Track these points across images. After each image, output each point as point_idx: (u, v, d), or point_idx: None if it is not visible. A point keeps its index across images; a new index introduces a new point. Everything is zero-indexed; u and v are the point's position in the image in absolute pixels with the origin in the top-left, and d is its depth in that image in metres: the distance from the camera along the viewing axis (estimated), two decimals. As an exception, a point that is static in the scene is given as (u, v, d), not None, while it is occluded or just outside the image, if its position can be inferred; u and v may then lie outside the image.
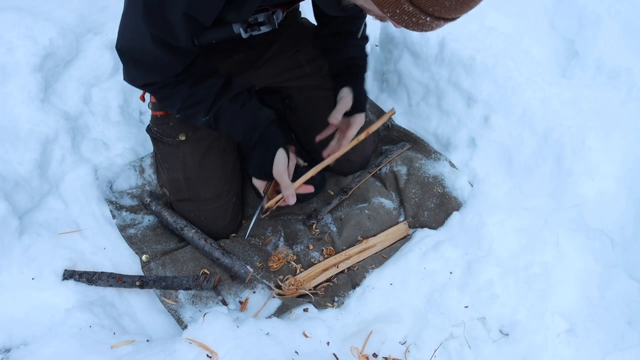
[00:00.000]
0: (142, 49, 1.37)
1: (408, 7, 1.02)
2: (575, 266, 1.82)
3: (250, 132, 1.54)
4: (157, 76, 1.46)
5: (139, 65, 1.43)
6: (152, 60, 1.40)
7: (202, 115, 1.53)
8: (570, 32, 2.59)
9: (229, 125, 1.55)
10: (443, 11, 1.01)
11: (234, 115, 1.53)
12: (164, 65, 1.42)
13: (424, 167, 2.07)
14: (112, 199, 1.95)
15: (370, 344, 1.66)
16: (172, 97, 1.51)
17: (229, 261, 1.72)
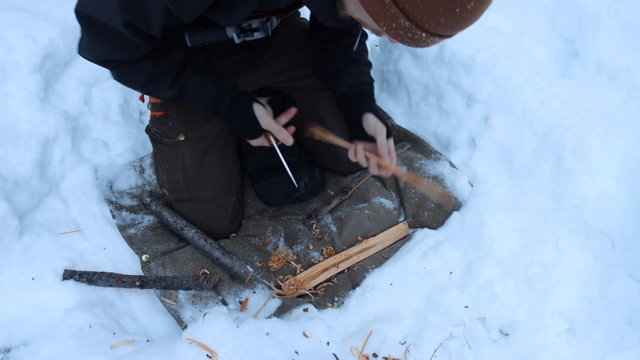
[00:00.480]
0: (109, 27, 1.29)
1: (404, 22, 1.02)
2: (575, 266, 1.82)
3: (219, 99, 1.55)
4: (122, 54, 1.40)
5: (103, 39, 1.34)
6: (118, 39, 1.33)
7: (167, 89, 1.50)
8: (570, 32, 2.59)
9: (196, 95, 1.54)
10: (439, 28, 1.02)
11: (200, 84, 1.53)
12: (131, 45, 1.36)
13: (424, 167, 2.07)
14: (112, 199, 1.95)
15: (370, 344, 1.66)
16: (135, 73, 1.47)
17: (229, 261, 1.72)
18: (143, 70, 1.45)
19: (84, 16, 1.31)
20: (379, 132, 1.58)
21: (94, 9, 1.29)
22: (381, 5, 1.03)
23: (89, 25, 1.33)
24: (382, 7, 1.03)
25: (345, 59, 1.72)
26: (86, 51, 1.42)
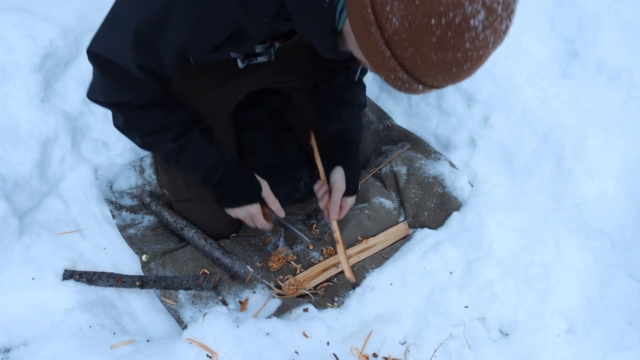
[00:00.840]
0: (123, 69, 1.30)
1: (402, 75, 1.05)
2: (575, 266, 1.82)
3: (216, 168, 1.56)
4: (135, 97, 1.39)
5: (117, 81, 1.35)
6: (132, 81, 1.33)
7: (170, 142, 1.49)
8: (570, 32, 2.59)
9: (195, 157, 1.53)
10: (435, 82, 1.05)
11: (203, 148, 1.53)
12: (144, 87, 1.36)
13: (424, 167, 2.07)
14: (112, 199, 1.95)
15: (370, 344, 1.66)
16: (143, 120, 1.45)
17: (229, 261, 1.72)
18: (152, 118, 1.44)
19: (98, 58, 1.31)
20: (335, 190, 1.69)
21: (109, 50, 1.29)
22: (381, 57, 1.04)
23: (103, 67, 1.33)
24: (381, 59, 1.04)
25: (338, 100, 1.76)
26: (99, 93, 1.41)
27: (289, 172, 1.91)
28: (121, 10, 1.28)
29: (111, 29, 1.30)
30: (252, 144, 1.93)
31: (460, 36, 0.95)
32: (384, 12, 0.98)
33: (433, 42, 0.96)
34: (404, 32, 0.97)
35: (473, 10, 0.92)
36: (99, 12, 2.26)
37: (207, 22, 1.22)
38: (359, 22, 1.04)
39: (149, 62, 1.28)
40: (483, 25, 0.94)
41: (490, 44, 0.99)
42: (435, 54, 0.97)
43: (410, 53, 0.99)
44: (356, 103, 1.78)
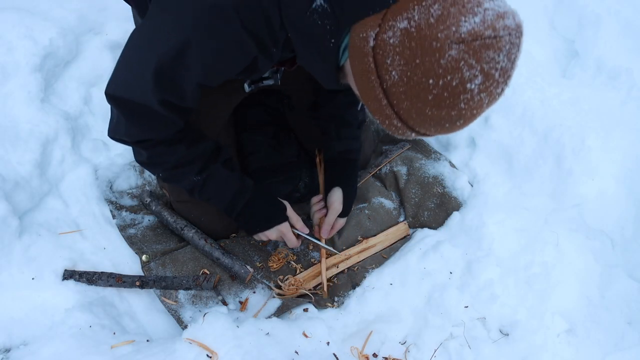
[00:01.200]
0: (145, 106, 1.31)
1: (397, 122, 1.08)
2: (575, 266, 1.82)
3: (239, 196, 1.59)
4: (158, 132, 1.41)
5: (139, 119, 1.36)
6: (154, 117, 1.34)
7: (194, 175, 1.51)
8: (570, 32, 2.59)
9: (219, 188, 1.56)
10: (427, 131, 1.09)
11: (226, 178, 1.56)
12: (166, 122, 1.37)
13: (424, 167, 2.07)
14: (112, 199, 1.95)
15: (370, 344, 1.66)
16: (166, 155, 1.47)
17: (229, 261, 1.72)
18: (175, 153, 1.46)
19: (118, 99, 1.33)
20: (331, 210, 1.75)
21: (128, 90, 1.31)
22: (378, 103, 1.07)
23: (124, 107, 1.35)
24: (378, 105, 1.08)
25: (338, 120, 1.80)
26: (122, 133, 1.42)
27: (289, 173, 1.91)
28: (137, 50, 1.29)
29: (127, 69, 1.31)
30: (252, 144, 1.93)
31: (456, 97, 0.97)
32: (385, 64, 1.01)
33: (429, 99, 0.98)
34: (402, 86, 1.00)
35: (471, 75, 0.94)
36: (99, 12, 2.28)
37: (226, 60, 1.24)
38: (360, 68, 1.07)
39: (171, 97, 1.29)
40: (479, 89, 0.97)
41: (484, 104, 1.01)
42: (430, 110, 1.00)
43: (406, 106, 1.03)
44: (355, 123, 1.83)
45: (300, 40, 1.19)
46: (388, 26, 0.99)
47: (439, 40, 0.93)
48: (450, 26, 0.93)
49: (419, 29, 0.95)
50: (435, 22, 0.94)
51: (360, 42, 1.04)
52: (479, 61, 0.93)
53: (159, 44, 1.22)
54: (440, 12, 0.93)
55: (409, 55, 0.97)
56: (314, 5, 1.10)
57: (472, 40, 0.92)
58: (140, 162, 1.54)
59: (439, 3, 0.94)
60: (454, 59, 0.93)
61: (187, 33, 1.19)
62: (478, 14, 0.93)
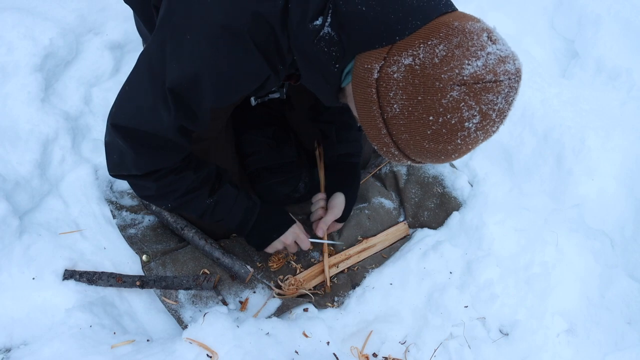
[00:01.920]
0: (156, 135, 1.28)
1: (395, 150, 1.13)
2: (575, 266, 1.82)
3: (249, 212, 1.60)
4: (168, 161, 1.38)
5: (148, 148, 1.32)
6: (165, 145, 1.31)
7: (206, 199, 1.50)
8: (570, 32, 2.59)
9: (230, 207, 1.56)
10: (423, 160, 1.14)
11: (235, 197, 1.56)
12: (177, 149, 1.35)
13: (424, 167, 2.07)
14: (113, 199, 1.95)
15: (370, 344, 1.66)
16: (175, 184, 1.44)
17: (229, 261, 1.72)
18: (185, 179, 1.44)
19: (128, 130, 1.28)
20: (330, 212, 1.76)
21: (140, 120, 1.27)
22: (377, 132, 1.12)
23: (133, 138, 1.30)
24: (378, 133, 1.12)
25: (337, 123, 1.81)
26: (130, 167, 1.37)
27: (289, 173, 1.91)
28: (148, 77, 1.25)
29: (137, 97, 1.28)
30: (252, 144, 1.93)
31: (454, 134, 1.02)
32: (387, 97, 1.05)
33: (428, 134, 1.03)
34: (402, 119, 1.04)
35: (469, 115, 0.99)
36: (99, 12, 2.27)
37: (241, 81, 1.23)
38: (362, 97, 1.10)
39: (186, 123, 1.27)
40: (476, 127, 1.01)
41: (479, 141, 1.06)
42: (428, 144, 1.05)
43: (405, 137, 1.07)
44: (355, 126, 1.84)
45: (305, 65, 1.22)
46: (393, 60, 1.03)
47: (442, 81, 0.97)
48: (453, 68, 0.97)
49: (423, 67, 0.99)
50: (439, 63, 0.97)
51: (364, 73, 1.08)
52: (478, 103, 0.98)
53: (174, 70, 1.19)
54: (445, 53, 0.97)
55: (411, 91, 1.01)
56: (321, 33, 1.12)
57: (473, 83, 0.96)
58: (146, 196, 1.49)
59: (445, 44, 0.98)
60: (455, 99, 0.97)
61: (204, 57, 1.17)
62: (481, 58, 0.97)
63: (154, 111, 1.25)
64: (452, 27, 1.00)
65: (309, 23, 1.12)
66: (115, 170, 1.42)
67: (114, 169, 1.41)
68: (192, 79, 1.19)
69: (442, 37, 0.99)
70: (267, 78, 1.25)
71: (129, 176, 1.41)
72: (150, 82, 1.24)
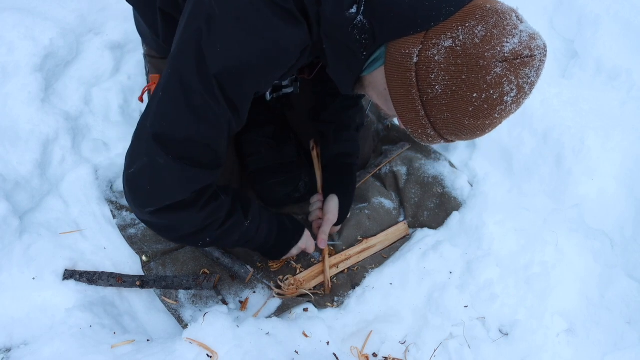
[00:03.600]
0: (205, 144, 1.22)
1: (431, 131, 1.18)
2: (575, 266, 1.82)
3: (272, 223, 1.58)
4: (212, 174, 1.28)
5: (195, 162, 1.22)
6: (207, 155, 1.24)
7: (244, 221, 1.44)
8: (570, 32, 2.59)
9: (259, 223, 1.50)
10: (458, 138, 1.19)
11: (259, 212, 1.52)
12: (216, 158, 1.27)
13: (424, 167, 2.07)
14: (113, 199, 1.95)
15: (370, 344, 1.66)
16: (218, 211, 1.35)
17: (229, 261, 1.73)
18: (224, 205, 1.37)
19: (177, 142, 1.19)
20: (326, 220, 1.76)
21: (191, 128, 1.19)
22: (414, 114, 1.15)
23: (181, 151, 1.20)
24: (414, 115, 1.15)
25: (335, 123, 1.82)
26: (178, 189, 1.23)
27: (289, 173, 1.91)
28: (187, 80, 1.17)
29: (181, 104, 1.18)
30: (252, 144, 1.93)
31: (494, 108, 1.08)
32: (428, 79, 1.09)
33: (469, 110, 1.09)
34: (444, 99, 1.09)
35: (509, 89, 1.06)
36: (99, 12, 2.28)
37: (288, 53, 1.21)
38: (400, 82, 1.13)
39: (234, 122, 1.24)
40: (512, 100, 1.08)
41: (512, 112, 1.13)
42: (469, 120, 1.11)
43: (446, 117, 1.12)
44: (352, 126, 1.85)
45: (335, 52, 1.23)
46: (432, 44, 1.07)
47: (485, 59, 1.03)
48: (495, 46, 1.03)
49: (464, 48, 1.04)
50: (480, 42, 1.03)
51: (402, 59, 1.11)
52: (517, 77, 1.05)
53: (218, 56, 1.15)
54: (484, 33, 1.03)
55: (454, 71, 1.06)
56: (355, 21, 1.15)
57: (513, 59, 1.03)
58: (183, 235, 1.35)
59: (482, 25, 1.04)
60: (498, 75, 1.04)
61: (253, 28, 1.14)
62: (516, 36, 1.04)
63: (201, 111, 1.17)
64: (485, 9, 1.06)
65: (345, 11, 1.14)
66: (149, 204, 1.24)
67: (147, 202, 1.24)
68: (242, 57, 1.15)
69: (479, 18, 1.05)
70: (305, 49, 1.23)
71: (169, 208, 1.24)
72: (192, 78, 1.16)
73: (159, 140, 1.19)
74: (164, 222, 1.30)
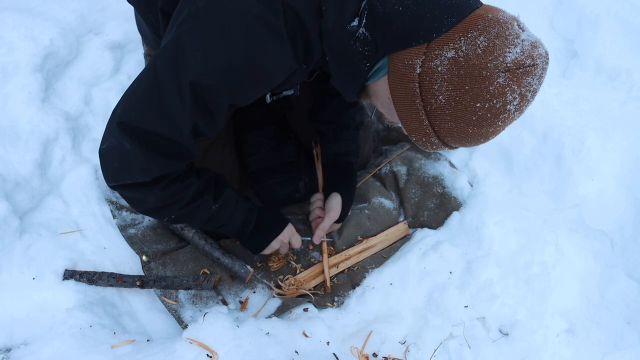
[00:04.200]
0: (171, 139, 1.23)
1: (434, 139, 1.19)
2: (575, 266, 1.82)
3: (250, 213, 1.59)
4: (177, 165, 1.31)
5: (157, 151, 1.25)
6: (175, 147, 1.26)
7: (211, 205, 1.45)
8: (569, 32, 2.59)
9: (231, 211, 1.52)
10: (462, 145, 1.21)
11: (235, 200, 1.54)
12: (186, 151, 1.29)
13: (424, 167, 2.07)
14: (113, 199, 1.95)
15: (370, 344, 1.66)
16: (182, 192, 1.37)
17: (229, 261, 1.73)
18: (190, 186, 1.39)
19: (138, 130, 1.22)
20: (328, 216, 1.76)
21: (157, 122, 1.22)
22: (418, 123, 1.17)
23: (143, 140, 1.23)
24: (418, 124, 1.17)
25: (335, 123, 1.82)
26: (136, 173, 1.28)
27: (289, 173, 1.91)
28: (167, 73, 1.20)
29: (151, 95, 1.21)
30: (252, 144, 1.93)
31: (497, 117, 1.10)
32: (431, 90, 1.10)
33: (473, 120, 1.10)
34: (448, 109, 1.10)
35: (511, 98, 1.07)
36: (99, 12, 2.28)
37: (269, 77, 1.22)
38: (403, 92, 1.14)
39: (201, 123, 1.24)
40: (515, 108, 1.10)
41: (515, 119, 1.15)
42: (472, 129, 1.12)
43: (449, 126, 1.13)
44: (352, 125, 1.85)
45: (337, 64, 1.24)
46: (434, 55, 1.08)
47: (488, 70, 1.04)
48: (497, 57, 1.04)
49: (467, 59, 1.05)
50: (482, 53, 1.04)
51: (405, 69, 1.12)
52: (520, 86, 1.06)
53: (198, 63, 1.16)
54: (486, 44, 1.04)
55: (457, 81, 1.07)
56: (357, 34, 1.16)
57: (515, 68, 1.04)
58: (147, 210, 1.41)
59: (484, 35, 1.05)
60: (501, 85, 1.05)
61: (236, 47, 1.15)
62: (518, 45, 1.05)
63: (167, 109, 1.20)
64: (487, 19, 1.07)
65: (347, 24, 1.15)
66: (115, 179, 1.32)
67: (113, 178, 1.32)
68: (220, 71, 1.17)
69: (481, 29, 1.06)
70: (293, 73, 1.24)
71: (132, 185, 1.31)
72: (166, 77, 1.19)
73: (125, 127, 1.24)
74: (128, 195, 1.38)
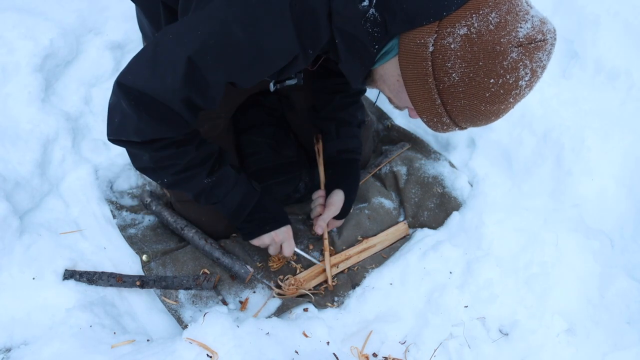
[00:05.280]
0: (163, 104, 1.25)
1: (446, 119, 1.19)
2: (575, 266, 1.82)
3: (249, 197, 1.57)
4: (171, 132, 1.33)
5: (152, 114, 1.27)
6: (169, 115, 1.27)
7: (204, 177, 1.46)
8: (569, 32, 2.59)
9: (228, 189, 1.52)
10: (473, 124, 1.20)
11: (234, 180, 1.53)
12: (182, 122, 1.30)
13: (424, 167, 2.07)
14: (113, 199, 1.95)
15: (370, 344, 1.66)
16: (175, 158, 1.39)
17: (229, 261, 1.73)
18: (186, 155, 1.40)
19: (133, 90, 1.24)
20: (329, 209, 1.76)
21: (148, 83, 1.24)
22: (430, 103, 1.17)
23: (138, 101, 1.25)
24: (430, 104, 1.17)
25: (336, 120, 1.82)
26: (131, 132, 1.31)
27: (289, 173, 1.91)
28: (169, 43, 1.22)
29: (151, 62, 1.24)
30: (252, 145, 1.93)
31: (509, 93, 1.10)
32: (444, 67, 1.10)
33: (486, 96, 1.10)
34: (461, 86, 1.10)
35: (524, 73, 1.08)
36: (99, 12, 2.28)
37: (268, 58, 1.22)
38: (415, 72, 1.14)
39: (195, 96, 1.25)
40: (526, 84, 1.10)
41: (525, 96, 1.14)
42: (485, 106, 1.12)
43: (462, 104, 1.13)
44: (354, 122, 1.84)
45: (347, 47, 1.22)
46: (447, 33, 1.08)
47: (501, 45, 1.05)
48: (510, 32, 1.05)
49: (480, 35, 1.05)
50: (495, 29, 1.05)
51: (417, 49, 1.12)
52: (532, 61, 1.07)
53: (198, 38, 1.18)
54: (498, 20, 1.05)
55: (470, 58, 1.07)
56: (367, 14, 1.15)
57: (528, 43, 1.05)
58: (142, 168, 1.44)
59: (496, 12, 1.05)
60: (514, 60, 1.06)
61: (239, 25, 1.15)
62: (528, 21, 1.06)
63: (166, 77, 1.21)
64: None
65: (358, 4, 1.15)
66: (114, 134, 1.36)
67: (113, 133, 1.36)
68: (219, 48, 1.17)
69: (492, 5, 1.06)
70: (294, 58, 1.23)
71: (128, 142, 1.35)
72: (171, 48, 1.21)
73: (123, 87, 1.27)
74: (127, 149, 1.42)
